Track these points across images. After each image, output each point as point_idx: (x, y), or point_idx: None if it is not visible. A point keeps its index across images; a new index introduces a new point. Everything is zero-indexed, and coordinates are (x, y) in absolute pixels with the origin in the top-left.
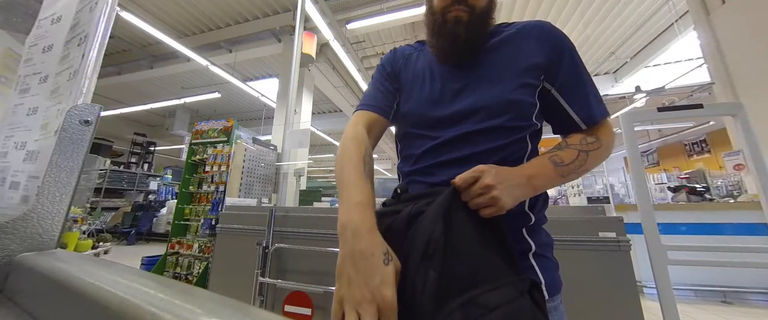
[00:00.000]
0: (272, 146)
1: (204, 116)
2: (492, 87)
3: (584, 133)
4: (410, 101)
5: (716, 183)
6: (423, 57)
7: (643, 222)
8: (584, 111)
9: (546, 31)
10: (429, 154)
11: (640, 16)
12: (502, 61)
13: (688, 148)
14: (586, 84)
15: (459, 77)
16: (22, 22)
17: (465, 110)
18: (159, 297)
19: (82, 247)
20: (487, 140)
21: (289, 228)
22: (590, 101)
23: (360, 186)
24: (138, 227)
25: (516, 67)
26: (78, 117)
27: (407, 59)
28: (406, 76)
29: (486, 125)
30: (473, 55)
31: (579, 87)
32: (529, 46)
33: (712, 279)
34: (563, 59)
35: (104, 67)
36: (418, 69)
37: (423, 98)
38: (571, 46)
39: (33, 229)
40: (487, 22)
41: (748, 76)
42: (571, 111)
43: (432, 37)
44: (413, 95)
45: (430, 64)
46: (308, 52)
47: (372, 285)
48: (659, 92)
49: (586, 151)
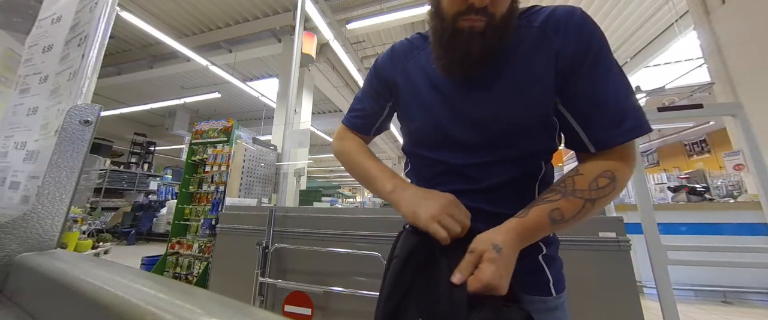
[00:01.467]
0: (272, 146)
1: (204, 116)
2: (508, 112)
3: (600, 161)
4: (416, 120)
5: (716, 183)
6: (425, 62)
7: (643, 222)
8: (598, 134)
9: (572, 29)
10: (442, 178)
11: (640, 16)
12: (520, 75)
13: (688, 148)
14: (606, 100)
15: (470, 95)
16: (22, 22)
17: (480, 141)
18: (159, 297)
19: (82, 247)
20: (502, 172)
21: (289, 228)
22: (609, 120)
23: (385, 172)
24: (138, 227)
25: (536, 84)
26: (78, 117)
27: (406, 65)
28: (405, 89)
29: (501, 155)
30: (486, 66)
31: (594, 104)
32: (550, 50)
33: (712, 279)
34: (584, 66)
35: (104, 67)
36: (421, 81)
37: (431, 119)
38: (596, 49)
39: (33, 229)
40: (509, 27)
41: (748, 76)
42: (582, 134)
43: (439, 48)
44: (419, 114)
45: (434, 75)
46: (308, 52)
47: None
48: (659, 92)
49: (593, 200)
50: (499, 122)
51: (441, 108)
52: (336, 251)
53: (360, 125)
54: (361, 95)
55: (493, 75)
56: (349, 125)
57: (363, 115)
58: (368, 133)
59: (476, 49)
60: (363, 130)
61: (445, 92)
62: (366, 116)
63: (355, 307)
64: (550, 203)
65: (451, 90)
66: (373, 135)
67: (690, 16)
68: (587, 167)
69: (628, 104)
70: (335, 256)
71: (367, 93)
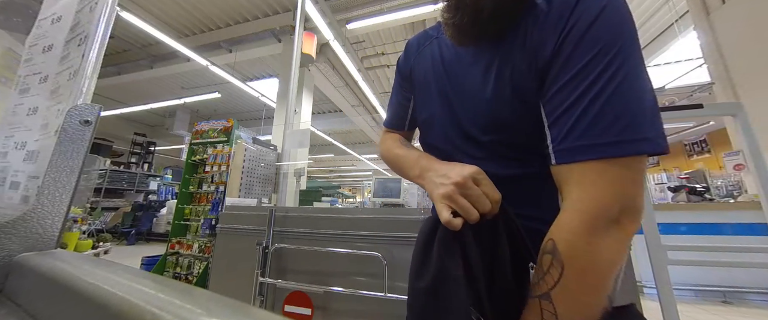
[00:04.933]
0: (272, 146)
1: (204, 116)
2: (486, 94)
3: (565, 201)
4: (425, 110)
5: (716, 183)
6: (437, 47)
7: (643, 222)
8: (558, 142)
9: (572, 4)
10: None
11: (639, 16)
12: (528, 53)
13: (688, 148)
14: (590, 94)
15: (476, 72)
16: (22, 22)
17: (473, 136)
18: (159, 297)
19: (82, 247)
20: (510, 165)
21: (289, 228)
22: (580, 123)
23: (411, 157)
24: (138, 227)
25: (524, 69)
26: (78, 117)
27: (420, 53)
28: (418, 76)
29: (507, 141)
30: (499, 34)
31: (568, 100)
32: (545, 32)
33: (712, 279)
34: (562, 51)
35: (104, 67)
36: (430, 66)
37: (436, 108)
38: (594, 40)
39: (33, 229)
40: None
41: (748, 76)
42: (548, 132)
43: (447, 12)
44: (427, 103)
45: (444, 56)
46: (308, 52)
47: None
48: (659, 92)
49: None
50: (504, 108)
51: (449, 91)
52: (336, 251)
53: (393, 122)
54: (391, 93)
55: (506, 45)
56: (385, 125)
57: (393, 112)
58: (403, 127)
59: (488, 5)
60: (397, 125)
61: (455, 72)
62: (396, 112)
63: (355, 307)
64: (536, 302)
65: (461, 67)
66: (409, 129)
67: (690, 16)
68: (554, 226)
69: (623, 108)
70: (335, 256)
71: (394, 89)
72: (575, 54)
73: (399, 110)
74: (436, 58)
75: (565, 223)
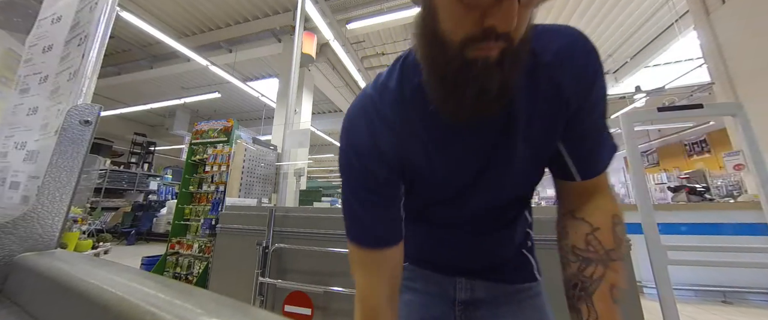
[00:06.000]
0: (272, 146)
1: (204, 116)
2: (519, 179)
3: (599, 201)
4: (426, 186)
5: (716, 183)
6: (417, 117)
7: (643, 222)
8: (586, 167)
9: (584, 64)
10: (445, 224)
11: (640, 16)
12: (538, 117)
13: (688, 148)
14: (601, 133)
15: (483, 145)
16: (22, 22)
17: (494, 193)
18: (159, 297)
19: (82, 247)
20: (506, 211)
21: (289, 228)
22: (599, 153)
23: None
24: (138, 227)
25: (553, 129)
26: (78, 117)
27: (392, 129)
28: (409, 160)
29: (510, 201)
30: (500, 109)
31: (590, 138)
32: (568, 89)
33: (712, 279)
34: (587, 104)
35: (104, 67)
36: (422, 145)
37: (439, 181)
38: (602, 89)
39: (33, 229)
40: (524, 56)
41: (748, 76)
42: (571, 166)
43: (441, 88)
44: (428, 179)
45: (435, 131)
46: (308, 52)
47: None
48: (659, 92)
49: (624, 254)
50: (506, 190)
51: (458, 165)
52: (336, 251)
53: (387, 236)
54: (356, 206)
55: (507, 121)
56: (369, 245)
57: (383, 222)
58: (400, 238)
59: (494, 85)
60: (394, 239)
61: (457, 146)
62: (390, 219)
63: None
64: (603, 282)
65: (465, 142)
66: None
67: (690, 16)
68: (594, 217)
69: (609, 132)
70: (335, 256)
71: (366, 200)
72: (597, 104)
73: (390, 212)
74: (431, 139)
75: (617, 206)
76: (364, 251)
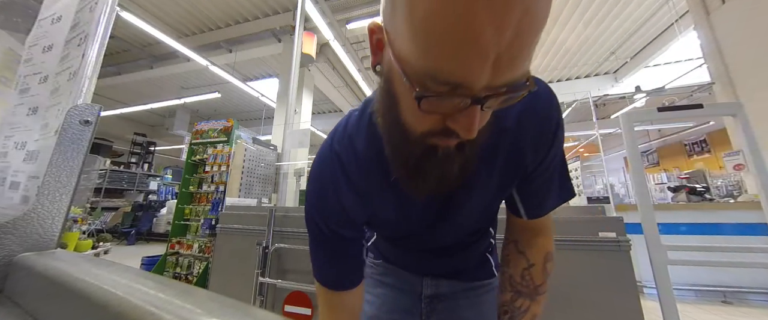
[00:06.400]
0: (272, 146)
1: (204, 116)
2: (477, 218)
3: (538, 239)
4: (385, 229)
5: (716, 183)
6: (380, 179)
7: (643, 222)
8: (533, 210)
9: (546, 127)
10: (411, 245)
11: (640, 16)
12: (494, 186)
13: (688, 148)
14: (553, 178)
15: (438, 208)
16: (22, 22)
17: (445, 242)
18: (159, 297)
19: (82, 247)
20: (460, 245)
21: (289, 228)
22: (548, 197)
23: None
24: (138, 227)
25: (510, 180)
26: (78, 117)
27: (362, 199)
28: (371, 214)
29: (469, 236)
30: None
31: (542, 188)
32: (528, 149)
33: (712, 279)
34: (545, 162)
35: (104, 67)
36: (384, 204)
37: (400, 231)
38: (561, 134)
39: (33, 229)
40: (485, 135)
41: (748, 76)
42: (521, 208)
43: (403, 169)
44: (388, 228)
45: (396, 194)
46: (308, 52)
47: None
48: (659, 92)
49: (546, 287)
50: (465, 227)
51: (417, 221)
52: None
53: (353, 278)
54: (321, 252)
55: (466, 191)
56: (334, 288)
57: (347, 266)
58: (359, 280)
59: (455, 170)
60: (357, 281)
61: (409, 209)
62: (352, 264)
63: None
64: (527, 313)
65: (420, 209)
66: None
67: (690, 16)
68: (532, 254)
69: (563, 179)
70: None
71: (334, 243)
72: (552, 160)
73: (352, 264)
74: (391, 201)
75: (551, 243)
76: (327, 290)
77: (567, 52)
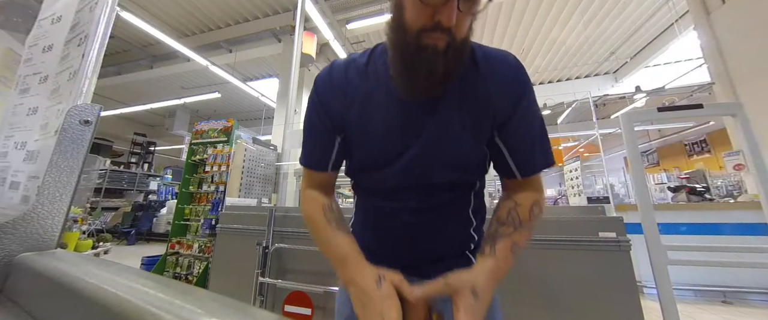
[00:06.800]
0: (272, 146)
1: (204, 116)
2: (457, 142)
3: (527, 193)
4: (365, 145)
5: (716, 183)
6: (378, 97)
7: (643, 222)
8: (524, 165)
9: (514, 79)
10: (385, 194)
11: (640, 16)
12: (467, 111)
13: (688, 148)
14: (534, 135)
15: (421, 120)
16: (22, 22)
17: (424, 164)
18: (159, 297)
19: (82, 247)
20: (442, 192)
21: (289, 228)
22: (534, 153)
23: (334, 241)
24: (138, 227)
25: (482, 121)
26: (78, 117)
27: (350, 99)
28: (353, 121)
29: (443, 178)
30: (441, 92)
31: (525, 141)
32: (495, 94)
33: (712, 279)
34: (518, 111)
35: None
36: (373, 114)
37: (379, 145)
38: (530, 93)
39: (33, 229)
40: (464, 54)
41: (748, 76)
42: (511, 164)
43: (400, 64)
44: (367, 138)
45: (390, 107)
46: (308, 52)
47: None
48: (659, 92)
49: (532, 228)
50: (443, 152)
51: (393, 132)
52: None
53: (318, 163)
54: (306, 132)
55: (447, 102)
56: (306, 165)
57: (318, 151)
58: (327, 169)
59: (440, 68)
60: (321, 167)
61: (399, 116)
62: (321, 152)
63: None
64: (508, 237)
65: (406, 113)
66: (332, 170)
67: (690, 16)
68: (520, 198)
69: (544, 142)
70: None
71: (314, 128)
72: (526, 113)
73: (324, 150)
74: (381, 107)
75: (541, 198)
76: (306, 169)
77: (567, 52)
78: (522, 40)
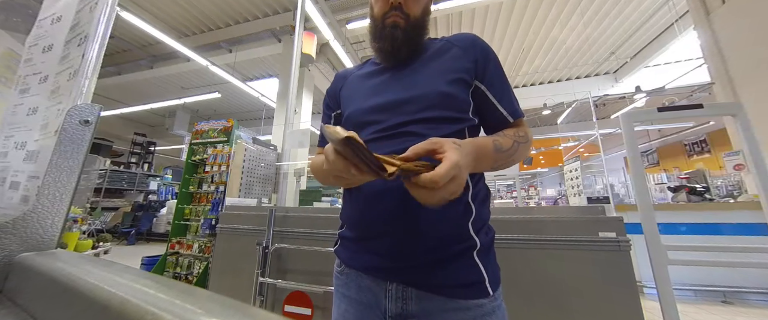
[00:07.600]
0: (272, 146)
1: (204, 116)
2: (427, 82)
3: (513, 128)
4: (352, 104)
5: (716, 183)
6: (364, 69)
7: (643, 222)
8: (510, 107)
9: (473, 41)
10: (373, 143)
11: (640, 16)
12: (436, 65)
13: (688, 148)
14: (510, 87)
15: (397, 77)
16: (22, 22)
17: (401, 99)
18: (159, 297)
19: (82, 247)
20: (426, 129)
21: (289, 228)
22: (514, 100)
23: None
24: (138, 227)
25: (449, 68)
26: (78, 117)
27: (346, 78)
28: (346, 92)
29: (424, 115)
30: (411, 61)
31: (505, 88)
32: (459, 52)
33: (712, 279)
34: (489, 64)
35: (104, 67)
36: (358, 79)
37: (361, 95)
38: (495, 56)
39: (33, 229)
40: (423, 28)
41: (748, 76)
42: (499, 106)
43: (374, 41)
44: (354, 98)
45: (371, 72)
46: (308, 52)
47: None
48: (659, 92)
49: (518, 143)
50: (419, 88)
51: (372, 87)
52: None
53: (322, 141)
54: (323, 114)
55: (416, 67)
56: (319, 145)
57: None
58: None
59: (399, 38)
60: (324, 143)
61: (379, 78)
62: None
63: None
64: (490, 137)
65: (384, 77)
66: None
67: (690, 16)
68: (507, 130)
69: (515, 100)
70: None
71: (325, 114)
72: (498, 69)
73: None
74: (364, 77)
75: (528, 131)
76: (319, 147)
77: (567, 52)
78: (522, 40)
